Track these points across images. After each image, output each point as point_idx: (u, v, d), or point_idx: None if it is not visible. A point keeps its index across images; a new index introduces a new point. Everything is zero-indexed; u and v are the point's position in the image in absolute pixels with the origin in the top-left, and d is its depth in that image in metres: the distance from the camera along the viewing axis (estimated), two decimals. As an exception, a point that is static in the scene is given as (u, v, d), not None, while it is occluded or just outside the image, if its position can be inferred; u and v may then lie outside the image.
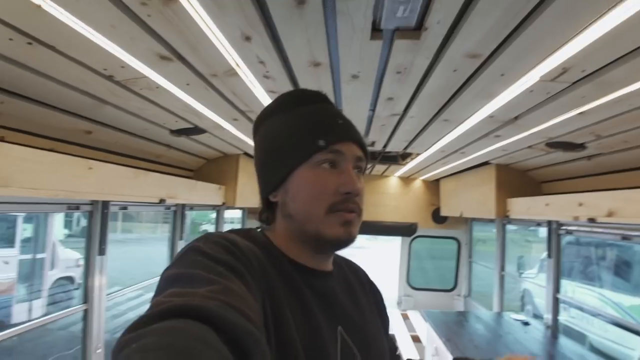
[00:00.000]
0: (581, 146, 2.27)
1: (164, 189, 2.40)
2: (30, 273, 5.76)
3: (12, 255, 5.38)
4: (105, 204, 2.27)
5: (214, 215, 4.12)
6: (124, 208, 2.59)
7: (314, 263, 0.74)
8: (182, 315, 0.41)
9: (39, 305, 5.55)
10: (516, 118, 1.95)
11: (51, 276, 6.10)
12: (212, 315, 0.42)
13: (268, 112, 0.81)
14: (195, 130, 2.47)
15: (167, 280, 0.52)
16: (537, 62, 1.29)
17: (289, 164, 0.72)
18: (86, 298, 2.26)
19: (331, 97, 1.80)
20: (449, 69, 1.39)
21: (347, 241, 0.71)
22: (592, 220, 2.21)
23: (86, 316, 2.29)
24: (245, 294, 0.52)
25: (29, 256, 5.79)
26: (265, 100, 1.85)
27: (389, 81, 1.57)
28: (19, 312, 5.21)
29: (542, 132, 2.13)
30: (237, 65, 1.44)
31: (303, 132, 0.72)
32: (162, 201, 2.34)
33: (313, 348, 0.63)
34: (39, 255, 5.96)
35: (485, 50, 1.25)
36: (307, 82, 1.61)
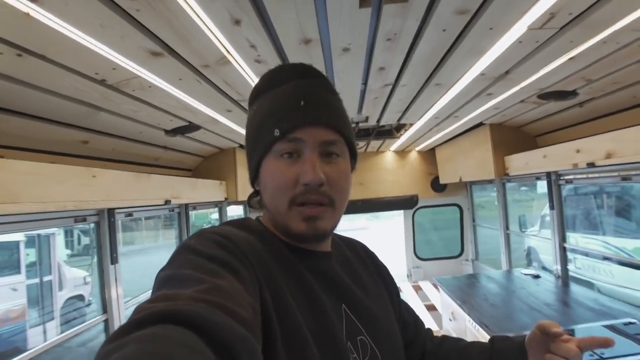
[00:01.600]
0: (572, 93, 2.29)
1: (168, 189, 2.40)
2: (39, 296, 5.77)
3: (20, 281, 5.37)
4: (111, 212, 2.27)
5: (215, 215, 4.10)
6: (129, 215, 2.59)
7: (312, 245, 0.73)
8: (164, 320, 0.40)
9: (52, 327, 5.57)
10: (507, 73, 1.97)
11: (61, 297, 6.10)
12: (195, 317, 0.41)
13: (252, 96, 0.78)
14: (190, 127, 2.46)
15: (159, 282, 0.52)
16: (524, 11, 1.30)
17: (256, 155, 0.71)
18: (105, 308, 2.28)
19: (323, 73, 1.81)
20: (438, 29, 1.40)
21: (313, 237, 0.69)
22: (591, 164, 2.25)
23: (107, 326, 2.31)
24: (237, 289, 0.51)
25: (36, 280, 5.79)
26: (258, 86, 1.85)
27: (379, 50, 1.57)
28: (33, 336, 5.21)
29: (533, 85, 2.15)
30: (228, 52, 1.44)
31: (265, 120, 0.69)
32: (167, 202, 2.35)
33: (320, 330, 0.63)
34: (45, 278, 5.96)
35: (473, 5, 1.25)
36: (299, 61, 1.61)
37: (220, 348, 0.40)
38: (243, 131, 2.71)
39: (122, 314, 2.39)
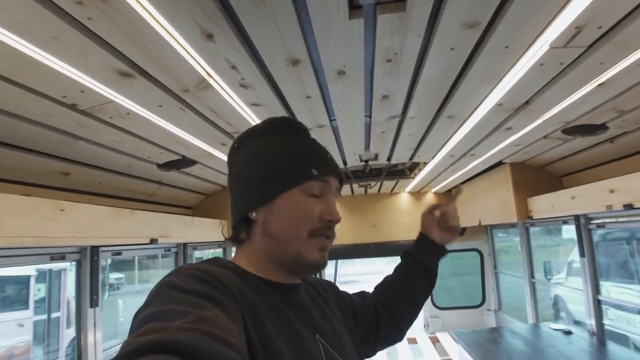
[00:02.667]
0: (602, 127, 2.07)
1: (155, 227, 2.22)
2: (45, 334, 5.66)
3: (27, 317, 5.26)
4: (95, 250, 2.09)
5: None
6: (118, 254, 2.40)
7: (286, 279, 0.77)
8: (156, 350, 0.40)
9: (56, 366, 5.40)
10: (527, 103, 1.76)
11: (68, 335, 5.94)
12: (187, 346, 0.41)
13: (252, 132, 0.83)
14: (185, 162, 2.31)
15: (142, 321, 0.50)
16: (545, 23, 1.11)
17: (280, 186, 0.74)
18: (80, 356, 2.06)
19: (320, 102, 1.65)
20: (445, 47, 1.22)
21: (322, 265, 0.76)
22: (628, 206, 1.98)
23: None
24: (222, 319, 0.52)
25: (43, 316, 5.71)
26: (249, 115, 1.69)
27: (380, 74, 1.40)
28: (36, 375, 5.10)
29: (557, 117, 1.94)
30: (208, 74, 1.29)
31: (298, 158, 0.77)
32: (153, 241, 2.16)
33: (300, 358, 0.66)
34: (54, 315, 5.87)
35: (483, 17, 1.08)
36: (290, 86, 1.45)
37: None
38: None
39: (100, 364, 2.16)
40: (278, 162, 0.76)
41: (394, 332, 1.04)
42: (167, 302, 0.53)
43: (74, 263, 2.09)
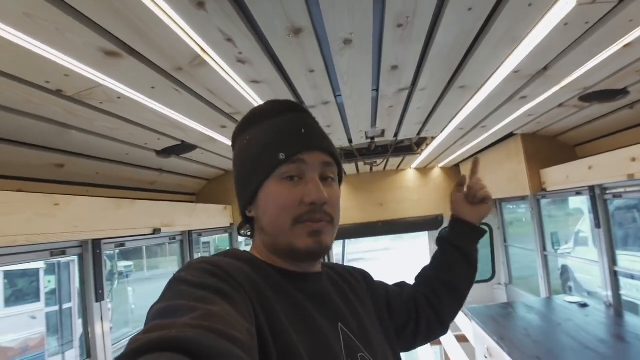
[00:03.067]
0: (623, 92, 1.95)
1: (158, 217, 2.14)
2: (58, 325, 5.72)
3: (39, 309, 5.32)
4: (97, 244, 2.02)
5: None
6: (121, 245, 2.33)
7: (301, 267, 0.74)
8: (161, 348, 0.39)
9: (72, 357, 5.45)
10: (545, 69, 1.64)
11: (80, 325, 5.97)
12: (191, 344, 0.40)
13: (241, 127, 0.80)
14: (184, 147, 2.21)
15: (152, 316, 0.50)
16: (576, -26, 0.99)
17: (256, 179, 0.72)
18: (89, 352, 2.01)
19: (324, 76, 1.53)
20: (463, 7, 1.10)
21: (319, 251, 0.71)
22: (653, 174, 1.88)
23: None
24: (230, 314, 0.51)
25: (55, 308, 5.76)
26: (249, 94, 1.58)
27: (390, 41, 1.28)
28: (53, 366, 5.18)
29: (576, 83, 1.81)
30: (202, 49, 1.18)
31: (266, 146, 0.72)
32: (156, 231, 2.08)
33: (318, 350, 0.63)
34: (65, 306, 5.91)
35: (507, -31, 0.96)
36: (292, 59, 1.34)
37: None
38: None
39: (109, 357, 2.12)
40: (252, 155, 0.74)
41: (436, 324, 0.98)
42: (175, 297, 0.53)
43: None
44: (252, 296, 0.60)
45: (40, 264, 5.43)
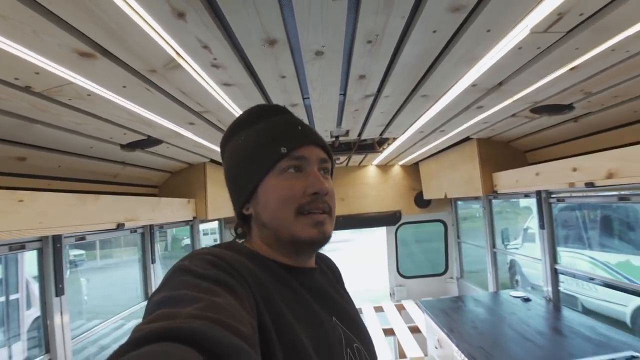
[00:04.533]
0: (569, 107, 2.12)
1: (121, 212, 2.12)
2: (4, 316, 5.43)
3: (-19, 300, 5.05)
4: (57, 238, 1.98)
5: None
6: (82, 239, 2.29)
7: (300, 262, 0.76)
8: (164, 338, 0.40)
9: (19, 350, 5.21)
10: (500, 84, 1.77)
11: (28, 316, 5.72)
12: (194, 334, 0.41)
13: (231, 130, 0.82)
14: (150, 141, 2.20)
15: (155, 305, 0.50)
16: (529, 8, 1.09)
17: (256, 175, 0.74)
18: (48, 347, 1.97)
19: (294, 82, 1.58)
20: (428, 29, 1.19)
21: (322, 240, 0.73)
22: (590, 184, 2.06)
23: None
24: (233, 306, 0.51)
25: (1, 299, 5.46)
26: (220, 95, 1.61)
27: (359, 54, 1.35)
28: (-2, 360, 4.92)
29: (527, 97, 1.96)
30: (178, 54, 1.20)
31: (266, 143, 0.75)
32: (120, 226, 2.07)
33: (320, 342, 0.65)
34: (12, 297, 5.62)
35: (469, 0, 1.04)
36: (265, 67, 1.38)
37: None
38: (213, 146, 2.43)
39: (69, 351, 2.08)
40: (250, 153, 0.76)
41: None
42: (179, 286, 0.53)
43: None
44: (255, 290, 0.61)
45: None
